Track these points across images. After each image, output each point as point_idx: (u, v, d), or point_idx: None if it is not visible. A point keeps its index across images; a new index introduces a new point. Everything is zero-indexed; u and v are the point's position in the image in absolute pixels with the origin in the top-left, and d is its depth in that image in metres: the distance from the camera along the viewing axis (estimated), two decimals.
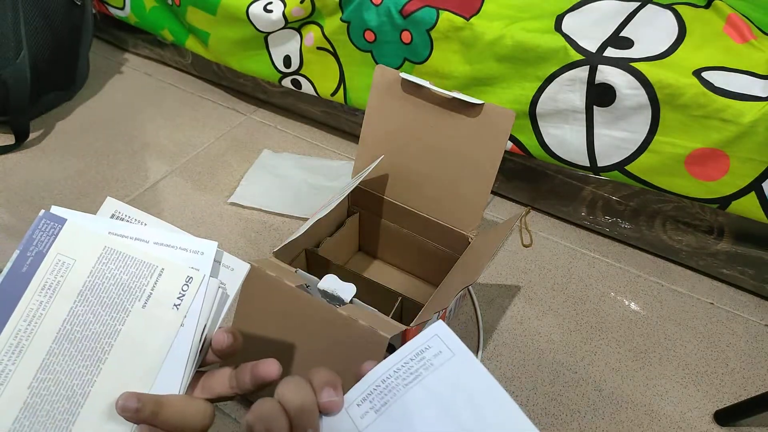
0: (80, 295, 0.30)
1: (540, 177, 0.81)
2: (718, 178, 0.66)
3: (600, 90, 0.67)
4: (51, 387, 0.29)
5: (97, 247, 0.31)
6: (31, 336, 0.29)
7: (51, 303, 0.30)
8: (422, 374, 0.28)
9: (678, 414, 0.61)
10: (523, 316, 0.70)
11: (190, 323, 0.31)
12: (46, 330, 0.29)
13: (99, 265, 0.31)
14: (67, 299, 0.30)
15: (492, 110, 0.55)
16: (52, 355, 0.29)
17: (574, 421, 0.60)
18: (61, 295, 0.30)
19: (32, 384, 0.29)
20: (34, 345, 0.29)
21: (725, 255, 0.72)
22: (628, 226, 0.78)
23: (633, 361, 0.66)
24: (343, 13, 0.81)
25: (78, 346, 0.30)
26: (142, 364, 0.30)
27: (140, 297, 0.31)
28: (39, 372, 0.29)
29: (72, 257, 0.31)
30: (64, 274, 0.30)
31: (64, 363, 0.29)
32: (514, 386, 0.63)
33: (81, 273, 0.31)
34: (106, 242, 0.31)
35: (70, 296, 0.30)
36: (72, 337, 0.30)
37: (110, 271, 0.31)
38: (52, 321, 0.30)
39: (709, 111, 0.62)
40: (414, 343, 0.29)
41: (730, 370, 0.66)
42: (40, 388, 0.29)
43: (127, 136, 0.96)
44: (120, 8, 1.06)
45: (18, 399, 0.28)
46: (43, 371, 0.29)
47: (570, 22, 0.71)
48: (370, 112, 0.63)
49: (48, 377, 0.29)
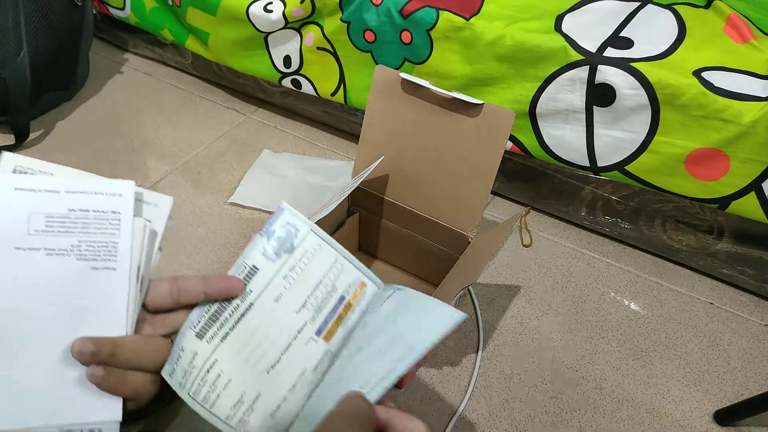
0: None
1: (540, 177, 0.81)
2: (718, 178, 0.66)
3: (600, 90, 0.67)
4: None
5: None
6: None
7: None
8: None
9: (678, 413, 0.61)
10: (523, 316, 0.70)
11: (122, 266, 0.31)
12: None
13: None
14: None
15: (492, 110, 0.55)
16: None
17: (575, 419, 0.60)
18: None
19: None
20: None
21: (725, 255, 0.72)
22: (627, 226, 0.78)
23: (633, 360, 0.66)
24: (343, 14, 0.81)
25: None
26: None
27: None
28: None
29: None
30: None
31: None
32: (514, 385, 0.63)
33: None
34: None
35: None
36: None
37: None
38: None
39: (709, 111, 0.62)
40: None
41: (730, 370, 0.66)
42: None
43: (127, 136, 0.96)
44: (120, 8, 1.06)
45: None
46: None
47: (570, 22, 0.71)
48: (370, 112, 0.63)
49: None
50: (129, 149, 0.93)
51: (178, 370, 0.32)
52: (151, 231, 0.32)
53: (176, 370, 0.32)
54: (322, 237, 0.34)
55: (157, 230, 0.33)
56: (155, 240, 0.32)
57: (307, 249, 0.34)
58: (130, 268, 0.31)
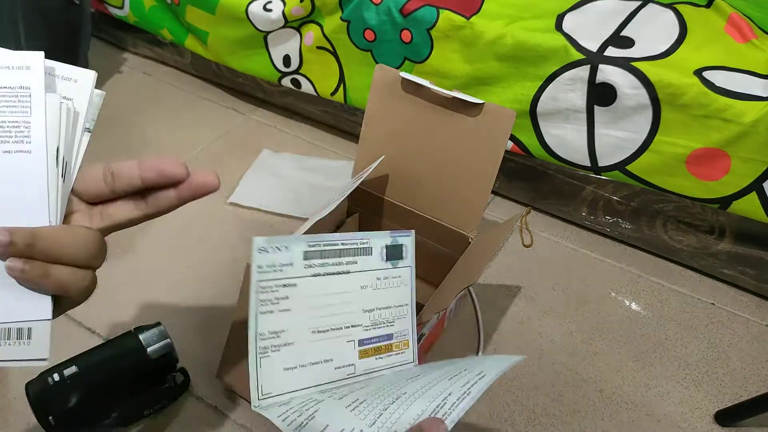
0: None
1: (540, 177, 0.81)
2: (719, 178, 0.65)
3: (601, 89, 0.67)
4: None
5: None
6: None
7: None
8: None
9: (679, 414, 0.61)
10: (524, 317, 0.70)
11: (37, 148, 0.27)
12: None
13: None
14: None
15: (492, 110, 0.55)
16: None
17: (575, 421, 0.60)
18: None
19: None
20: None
21: (726, 255, 0.72)
22: (628, 226, 0.78)
23: (634, 361, 0.66)
24: (343, 12, 0.80)
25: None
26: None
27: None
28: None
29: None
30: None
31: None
32: (514, 387, 0.62)
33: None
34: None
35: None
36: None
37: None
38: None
39: (710, 111, 0.62)
40: None
41: (730, 371, 0.65)
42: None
43: (126, 135, 0.96)
44: (119, 7, 1.06)
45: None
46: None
47: (571, 21, 0.71)
48: (370, 111, 0.63)
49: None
50: (128, 149, 0.93)
51: (270, 256, 0.34)
52: (70, 109, 0.29)
53: (270, 252, 0.34)
54: (411, 278, 0.40)
55: (78, 109, 0.29)
56: (78, 120, 0.29)
57: (401, 275, 0.39)
58: (47, 150, 0.27)
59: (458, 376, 0.32)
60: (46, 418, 0.49)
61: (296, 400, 0.32)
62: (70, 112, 0.29)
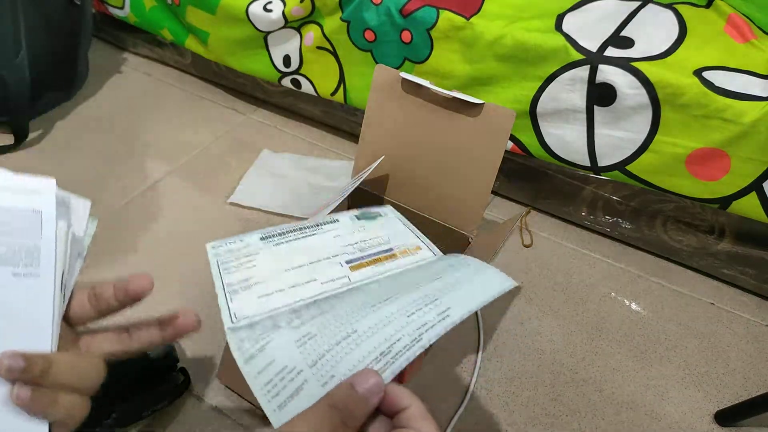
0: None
1: (540, 177, 0.81)
2: (719, 178, 0.65)
3: (601, 90, 0.67)
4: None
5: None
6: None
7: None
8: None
9: (679, 414, 0.61)
10: (524, 317, 0.70)
11: (46, 272, 0.27)
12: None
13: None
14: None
15: (492, 110, 0.55)
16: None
17: (575, 421, 0.60)
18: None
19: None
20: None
21: (726, 255, 0.72)
22: (628, 226, 0.78)
23: (634, 361, 0.66)
24: (343, 13, 0.80)
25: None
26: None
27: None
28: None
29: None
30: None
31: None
32: (514, 387, 0.63)
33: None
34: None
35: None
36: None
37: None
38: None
39: (710, 111, 0.62)
40: None
41: (730, 371, 0.65)
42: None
43: (126, 136, 0.96)
44: (119, 8, 1.06)
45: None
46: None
47: (570, 21, 0.71)
48: (369, 111, 0.63)
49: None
50: (128, 149, 0.93)
51: (224, 248, 0.35)
52: (73, 235, 0.29)
53: (223, 246, 0.35)
54: (404, 222, 0.37)
55: (78, 234, 0.29)
56: (77, 245, 0.29)
57: (384, 223, 0.37)
58: (54, 275, 0.27)
59: (421, 313, 0.29)
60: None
61: (261, 325, 0.31)
62: (73, 237, 0.29)
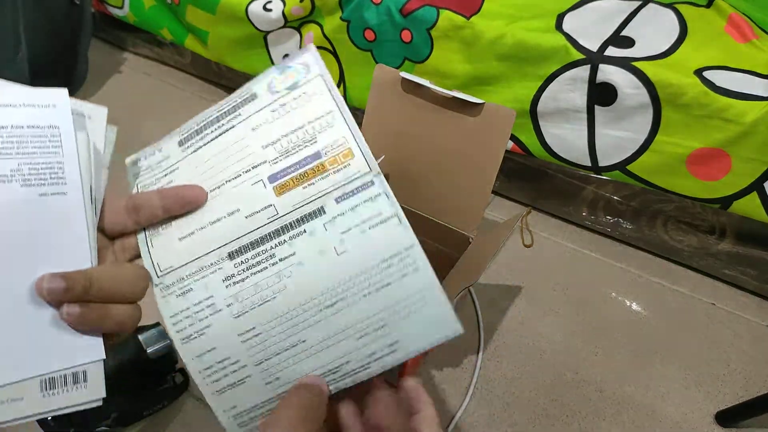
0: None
1: (541, 177, 0.81)
2: (719, 177, 0.65)
3: (601, 89, 0.67)
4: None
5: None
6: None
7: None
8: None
9: (679, 415, 0.61)
10: (524, 317, 0.70)
11: (73, 189, 0.26)
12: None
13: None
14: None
15: (493, 109, 0.55)
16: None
17: (575, 422, 0.59)
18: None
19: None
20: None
21: (727, 255, 0.72)
22: (629, 226, 0.77)
23: (634, 362, 0.66)
24: (343, 12, 0.80)
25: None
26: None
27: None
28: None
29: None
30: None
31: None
32: (515, 387, 0.62)
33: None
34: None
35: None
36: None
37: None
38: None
39: (711, 110, 0.62)
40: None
41: (731, 371, 0.65)
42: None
43: (125, 135, 0.95)
44: (119, 7, 1.06)
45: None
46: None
47: (571, 21, 0.71)
48: (369, 111, 0.62)
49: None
50: (127, 149, 0.92)
51: (144, 163, 0.32)
52: (94, 146, 0.28)
53: (141, 161, 0.32)
54: (329, 86, 0.30)
55: (98, 146, 0.28)
56: (100, 157, 0.28)
57: (307, 91, 0.30)
58: (82, 191, 0.27)
59: (369, 339, 0.28)
60: (45, 418, 0.49)
61: (193, 290, 0.29)
62: (95, 150, 0.28)
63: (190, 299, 0.29)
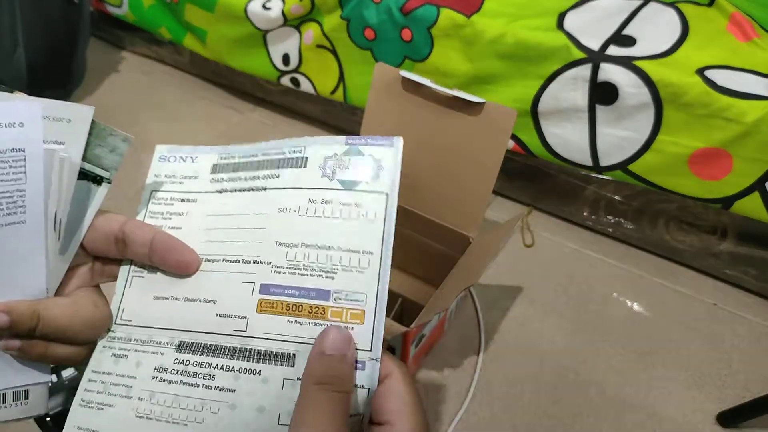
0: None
1: (542, 176, 0.80)
2: (721, 177, 0.65)
3: (602, 88, 0.66)
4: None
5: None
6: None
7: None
8: None
9: (681, 416, 0.60)
10: (525, 318, 0.70)
11: (33, 216, 0.24)
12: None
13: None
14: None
15: (493, 109, 0.55)
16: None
17: (577, 423, 0.59)
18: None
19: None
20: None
21: (728, 255, 0.72)
22: (630, 226, 0.77)
23: (636, 362, 0.65)
24: (343, 11, 0.80)
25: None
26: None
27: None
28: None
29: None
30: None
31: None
32: (515, 389, 0.62)
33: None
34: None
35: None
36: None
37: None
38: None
39: (713, 110, 0.61)
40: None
41: (733, 372, 0.65)
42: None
43: None
44: (117, 6, 1.05)
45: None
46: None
47: (572, 19, 0.71)
48: (369, 110, 0.62)
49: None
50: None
51: (172, 166, 0.28)
52: (65, 161, 0.24)
53: (171, 160, 0.28)
54: (387, 213, 0.25)
55: (74, 159, 0.25)
56: (75, 172, 0.25)
57: (361, 205, 0.25)
58: (45, 218, 0.24)
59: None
60: (43, 419, 0.49)
61: (127, 364, 0.25)
62: (66, 163, 0.24)
63: (119, 367, 0.25)
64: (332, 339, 0.23)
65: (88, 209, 0.26)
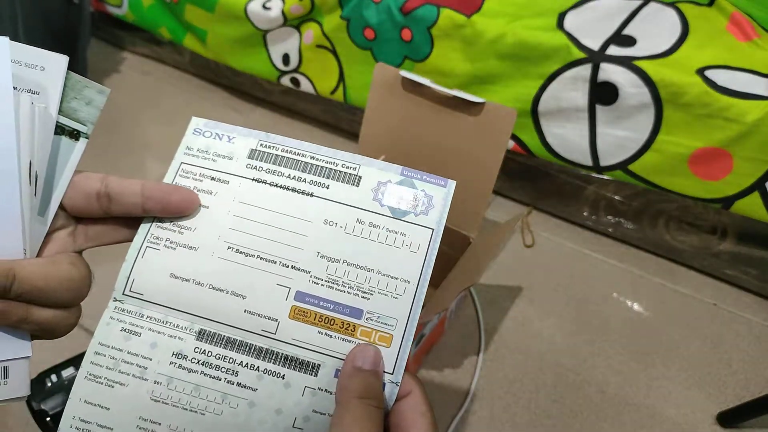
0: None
1: (542, 176, 0.80)
2: (721, 177, 0.65)
3: (603, 88, 0.66)
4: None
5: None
6: None
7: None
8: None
9: (681, 416, 0.60)
10: (525, 318, 0.70)
11: (6, 168, 0.22)
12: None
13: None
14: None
15: (493, 109, 0.55)
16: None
17: (577, 423, 0.59)
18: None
19: None
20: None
21: (728, 255, 0.72)
22: (631, 226, 0.77)
23: (636, 362, 0.65)
24: (343, 11, 0.80)
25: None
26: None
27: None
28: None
29: None
30: None
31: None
32: (515, 388, 0.62)
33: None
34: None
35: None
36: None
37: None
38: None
39: (713, 110, 0.61)
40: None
41: (733, 372, 0.65)
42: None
43: (125, 135, 0.95)
44: (117, 6, 1.05)
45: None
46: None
47: (572, 19, 0.71)
48: (369, 110, 0.62)
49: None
50: (127, 149, 0.92)
51: (206, 141, 0.28)
52: (41, 110, 0.23)
53: (206, 134, 0.28)
54: (431, 248, 0.26)
55: (50, 106, 0.23)
56: (50, 122, 0.24)
57: (407, 235, 0.26)
58: (19, 166, 0.22)
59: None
60: (43, 420, 0.49)
61: (141, 343, 0.24)
62: (41, 112, 0.23)
63: (131, 344, 0.24)
64: (371, 355, 0.23)
65: (66, 165, 0.24)
